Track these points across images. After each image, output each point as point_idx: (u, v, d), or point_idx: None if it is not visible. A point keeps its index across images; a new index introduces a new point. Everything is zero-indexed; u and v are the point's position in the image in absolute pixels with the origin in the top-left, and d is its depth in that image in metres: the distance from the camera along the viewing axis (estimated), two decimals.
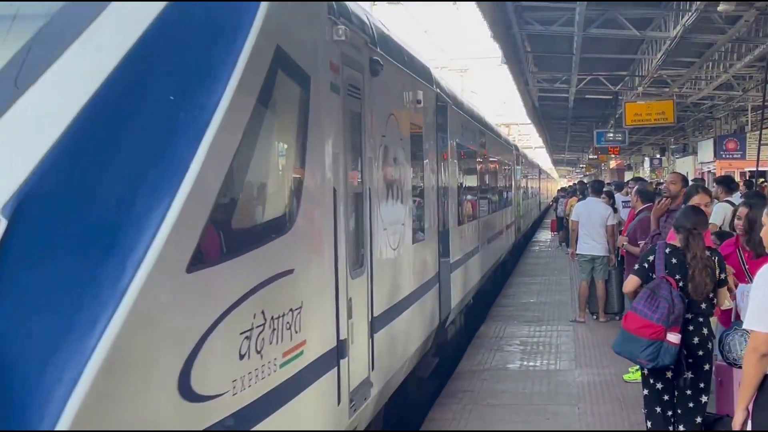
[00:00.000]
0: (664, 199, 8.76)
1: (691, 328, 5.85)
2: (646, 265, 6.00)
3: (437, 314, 9.46)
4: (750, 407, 4.26)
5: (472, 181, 14.09)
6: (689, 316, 5.83)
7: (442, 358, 10.59)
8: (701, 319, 5.91)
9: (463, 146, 12.82)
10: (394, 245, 7.12)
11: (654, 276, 5.94)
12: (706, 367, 5.95)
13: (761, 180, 20.15)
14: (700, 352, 5.90)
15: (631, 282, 6.05)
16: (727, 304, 6.10)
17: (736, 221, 6.86)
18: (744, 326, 4.61)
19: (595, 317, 13.04)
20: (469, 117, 13.98)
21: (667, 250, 5.93)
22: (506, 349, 11.41)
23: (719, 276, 5.87)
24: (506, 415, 8.21)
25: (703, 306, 5.89)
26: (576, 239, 13.13)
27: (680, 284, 5.80)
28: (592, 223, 12.69)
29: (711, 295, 5.91)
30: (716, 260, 5.90)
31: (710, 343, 5.95)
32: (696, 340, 5.87)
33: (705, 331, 5.92)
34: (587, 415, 8.15)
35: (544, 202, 49.96)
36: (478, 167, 15.32)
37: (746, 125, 29.68)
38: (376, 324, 6.29)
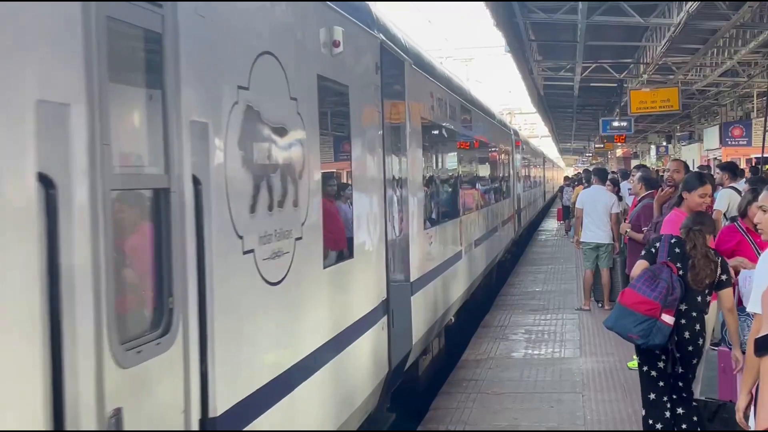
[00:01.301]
0: (668, 187, 8.71)
1: (683, 321, 5.87)
2: (653, 251, 6.06)
3: (385, 360, 6.83)
4: (753, 391, 4.22)
5: (449, 171, 11.70)
6: (684, 307, 5.85)
7: (446, 348, 10.59)
8: (695, 314, 5.92)
9: (435, 125, 10.32)
10: (273, 278, 4.41)
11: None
12: (694, 361, 6.00)
13: (767, 167, 20.04)
14: (690, 348, 5.93)
15: (640, 266, 6.07)
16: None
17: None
18: (747, 310, 4.59)
19: (600, 305, 13.02)
20: (445, 87, 10.94)
21: (672, 240, 6.00)
22: (511, 337, 11.41)
23: (720, 277, 5.84)
24: (510, 403, 8.21)
25: (699, 299, 5.91)
26: (581, 227, 13.10)
27: (680, 272, 5.83)
28: (597, 210, 12.66)
29: (707, 291, 5.92)
30: (719, 260, 5.88)
31: (701, 339, 5.98)
32: (687, 334, 5.90)
33: (698, 327, 5.94)
34: (591, 402, 8.15)
35: (550, 191, 49.83)
36: (460, 153, 12.55)
37: (752, 112, 29.55)
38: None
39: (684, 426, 6.02)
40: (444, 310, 9.92)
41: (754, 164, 21.20)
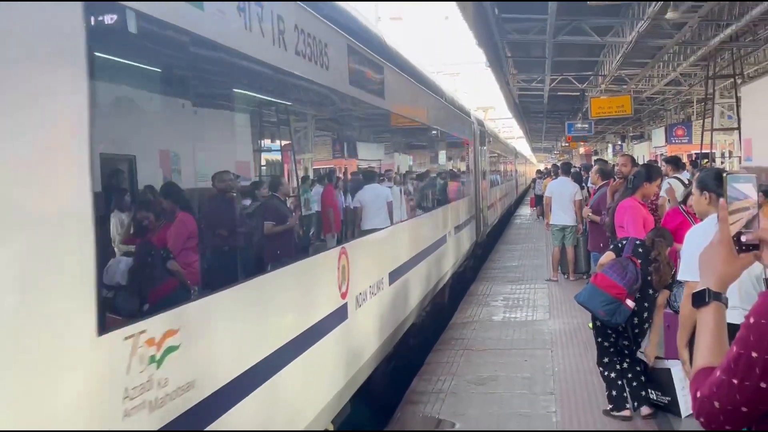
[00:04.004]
0: (619, 179, 8.75)
1: (637, 308, 5.92)
2: (620, 246, 6.12)
3: None
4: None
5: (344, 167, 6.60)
6: (638, 296, 5.89)
7: (438, 312, 10.59)
8: (647, 304, 5.98)
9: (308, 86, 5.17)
10: None
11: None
12: (640, 339, 6.09)
13: (705, 160, 20.05)
14: (637, 330, 6.04)
15: (608, 256, 6.15)
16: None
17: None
18: (678, 278, 4.66)
19: (566, 276, 13.03)
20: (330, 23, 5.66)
21: (637, 242, 6.07)
22: (492, 304, 11.42)
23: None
24: (491, 358, 8.23)
25: (650, 292, 5.96)
26: (550, 212, 13.10)
27: (640, 267, 5.90)
28: (563, 198, 12.66)
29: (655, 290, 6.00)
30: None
31: (647, 324, 6.05)
32: (636, 320, 5.98)
33: (646, 314, 6.01)
34: (558, 356, 8.17)
35: (524, 184, 49.57)
36: (377, 140, 8.08)
37: (692, 115, 29.48)
38: None
39: (630, 375, 6.16)
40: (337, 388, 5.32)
41: (693, 159, 21.21)
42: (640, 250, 5.99)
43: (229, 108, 4.18)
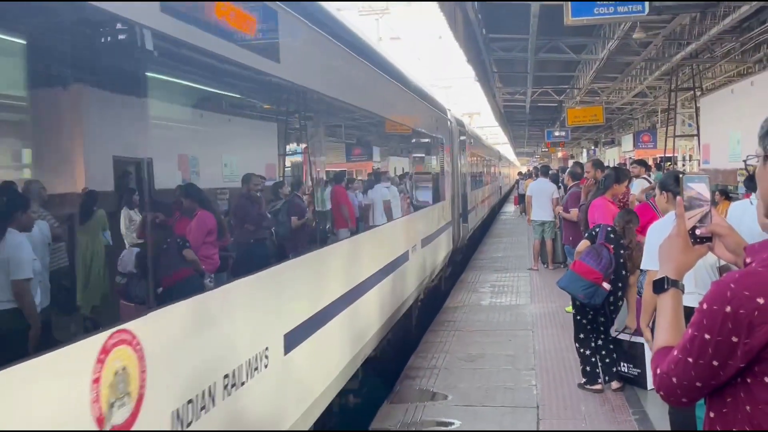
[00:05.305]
0: (590, 181, 8.86)
1: (612, 289, 5.91)
2: (594, 234, 6.08)
3: None
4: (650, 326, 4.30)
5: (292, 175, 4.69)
6: (612, 277, 5.86)
7: (434, 299, 10.56)
8: (620, 284, 5.97)
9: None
10: None
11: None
12: (614, 316, 6.10)
13: (668, 163, 20.06)
14: (612, 308, 6.03)
15: (584, 244, 6.11)
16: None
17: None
18: (641, 267, 4.68)
19: (545, 266, 12.99)
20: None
21: (608, 229, 6.03)
22: (480, 290, 11.40)
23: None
24: (479, 338, 8.22)
25: (624, 274, 5.95)
26: (531, 209, 13.07)
27: (613, 252, 5.87)
28: (542, 197, 12.63)
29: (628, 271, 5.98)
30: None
31: (621, 302, 6.06)
32: (611, 299, 5.97)
33: (620, 293, 6.00)
34: (539, 336, 8.16)
35: (508, 184, 49.35)
36: (329, 137, 5.57)
37: (657, 123, 29.42)
38: None
39: (603, 352, 6.14)
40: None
41: (658, 162, 21.21)
42: (612, 236, 5.96)
43: None
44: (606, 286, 5.76)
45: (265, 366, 3.69)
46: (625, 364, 6.15)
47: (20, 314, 2.20)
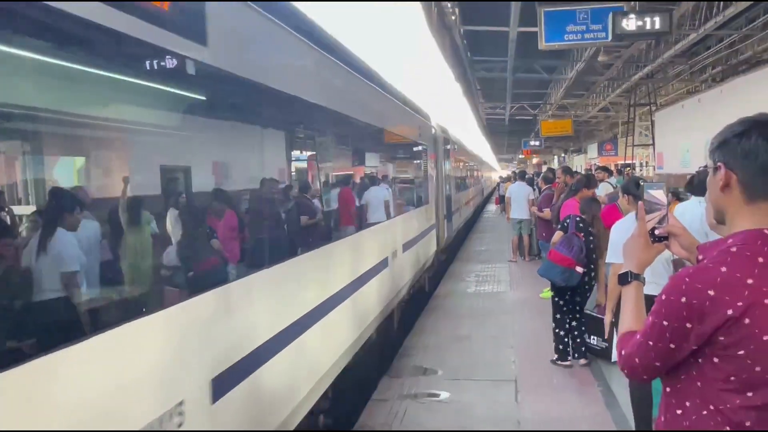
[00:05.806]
0: (559, 184, 8.90)
1: (585, 271, 5.91)
2: (566, 225, 6.07)
3: None
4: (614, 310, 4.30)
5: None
6: (588, 262, 5.86)
7: (424, 288, 10.54)
8: (592, 266, 5.96)
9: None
10: None
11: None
12: (588, 295, 6.08)
13: (627, 169, 20.10)
14: (587, 287, 6.03)
15: (558, 235, 6.11)
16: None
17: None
18: (606, 261, 4.68)
19: (522, 258, 12.99)
20: None
21: (577, 219, 6.02)
22: (466, 279, 11.39)
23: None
24: (466, 321, 8.21)
25: (594, 257, 5.94)
26: (510, 208, 13.07)
27: (584, 239, 5.87)
28: (519, 198, 12.60)
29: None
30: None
31: (594, 282, 6.04)
32: (586, 279, 5.97)
33: (593, 274, 6.00)
34: (517, 319, 8.15)
35: (490, 186, 49.23)
36: (307, 141, 4.61)
37: (618, 134, 29.50)
38: None
39: (575, 332, 6.12)
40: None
41: (619, 167, 21.25)
42: (581, 225, 5.97)
43: None
44: (579, 269, 5.76)
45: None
46: (594, 337, 6.14)
47: (68, 302, 2.22)
